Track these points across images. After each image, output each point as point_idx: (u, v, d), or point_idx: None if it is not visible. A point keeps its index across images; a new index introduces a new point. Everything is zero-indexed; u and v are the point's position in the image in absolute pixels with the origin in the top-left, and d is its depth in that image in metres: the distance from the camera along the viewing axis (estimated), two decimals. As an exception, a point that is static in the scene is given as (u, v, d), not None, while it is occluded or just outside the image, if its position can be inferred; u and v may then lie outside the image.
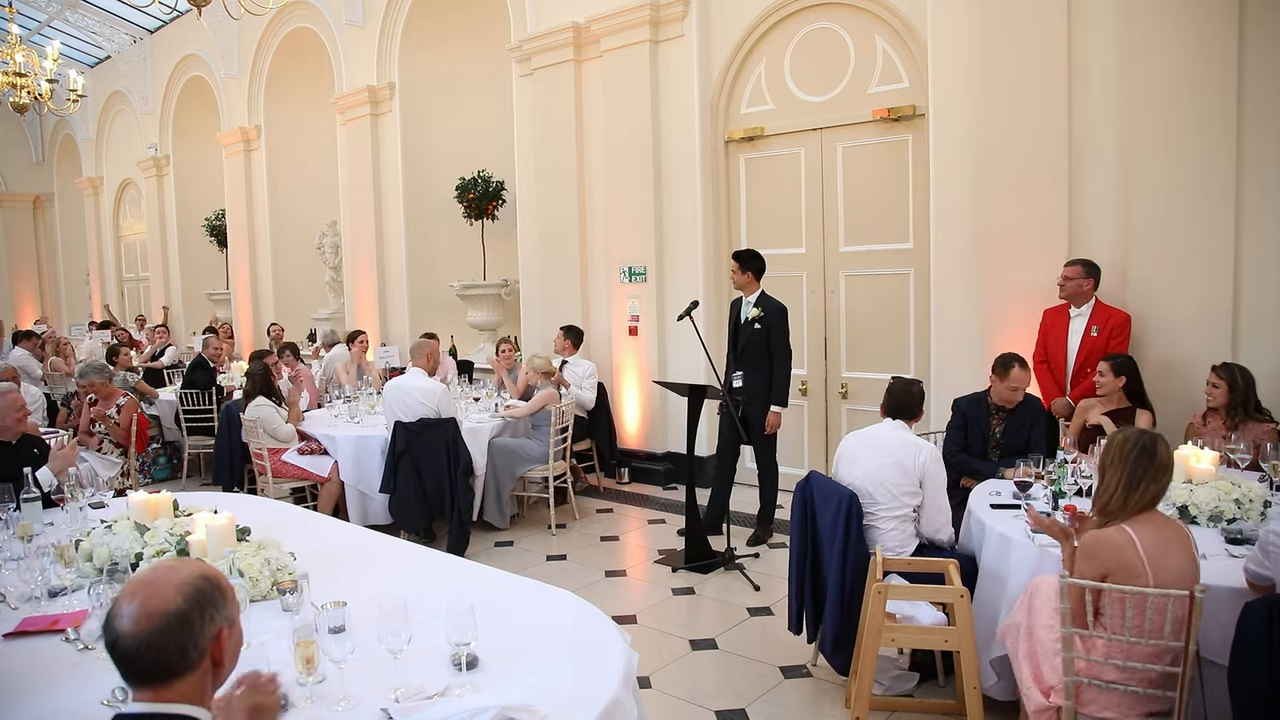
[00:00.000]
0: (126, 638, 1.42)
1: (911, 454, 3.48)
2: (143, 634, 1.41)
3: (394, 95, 9.41)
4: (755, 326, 5.42)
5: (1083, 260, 4.76)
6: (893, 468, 3.48)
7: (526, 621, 2.44)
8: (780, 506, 5.65)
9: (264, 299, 11.95)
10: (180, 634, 1.43)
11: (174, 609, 1.44)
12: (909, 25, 5.71)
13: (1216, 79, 4.50)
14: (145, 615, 1.42)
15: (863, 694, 3.14)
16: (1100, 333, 4.67)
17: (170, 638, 1.42)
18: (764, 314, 5.42)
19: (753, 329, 5.43)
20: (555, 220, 7.71)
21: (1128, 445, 2.61)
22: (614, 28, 7.04)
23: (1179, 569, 2.47)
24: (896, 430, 3.60)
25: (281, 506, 4.15)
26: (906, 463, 3.47)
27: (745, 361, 5.43)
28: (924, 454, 3.48)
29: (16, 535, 3.04)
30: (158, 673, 1.43)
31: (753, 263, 5.51)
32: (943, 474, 3.53)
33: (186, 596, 1.46)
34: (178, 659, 1.43)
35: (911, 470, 3.47)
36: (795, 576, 3.62)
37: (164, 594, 1.45)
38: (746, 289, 5.53)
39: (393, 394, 5.56)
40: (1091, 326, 4.71)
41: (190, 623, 1.44)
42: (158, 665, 1.42)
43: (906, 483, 3.47)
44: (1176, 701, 2.46)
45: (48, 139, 17.87)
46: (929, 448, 3.52)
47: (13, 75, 8.96)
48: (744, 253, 5.61)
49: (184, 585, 1.47)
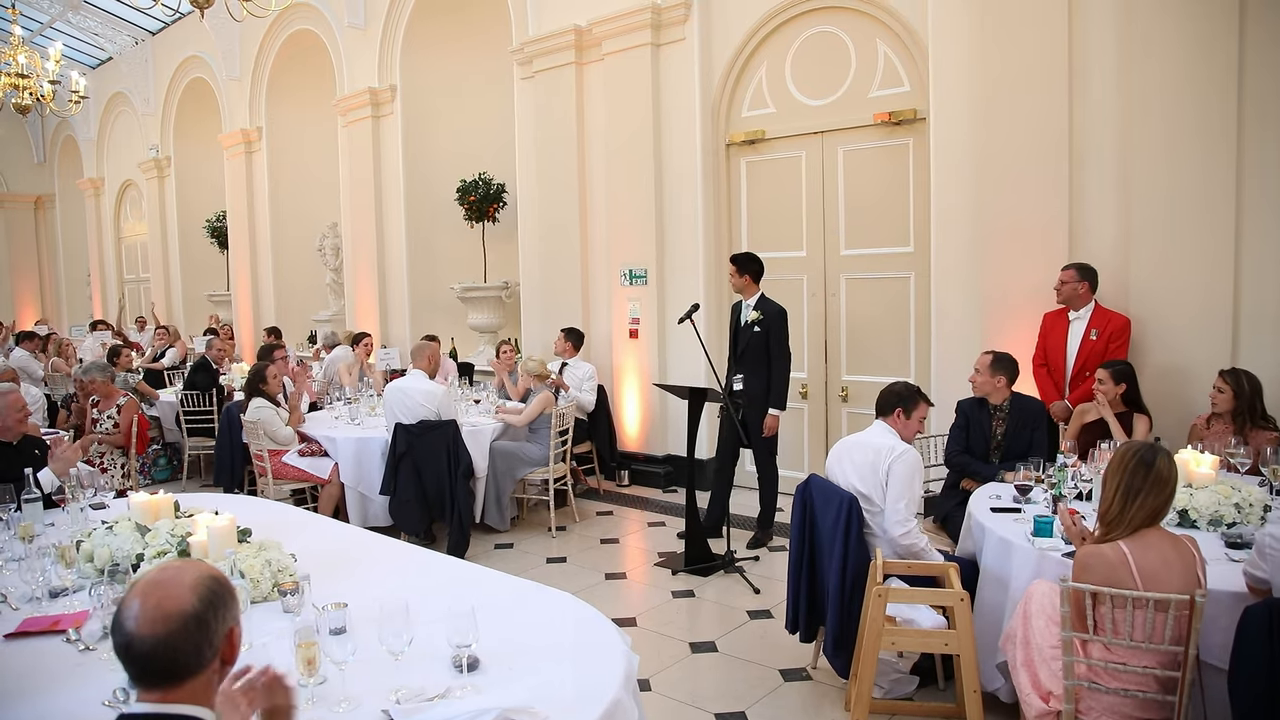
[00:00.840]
0: (143, 639, 1.41)
1: (884, 457, 3.47)
2: (160, 635, 1.41)
3: (395, 97, 9.43)
4: (755, 329, 5.42)
5: (1078, 264, 4.78)
6: (868, 470, 3.48)
7: (527, 623, 2.44)
8: (780, 509, 5.66)
9: (264, 300, 11.96)
10: (197, 634, 1.44)
11: (190, 609, 1.44)
12: (910, 29, 5.72)
13: (1217, 79, 4.50)
14: (163, 616, 1.42)
15: (862, 697, 3.14)
16: (1100, 336, 4.68)
17: (188, 638, 1.43)
18: (763, 317, 5.42)
19: (752, 332, 5.43)
20: (556, 223, 7.72)
21: (1127, 456, 2.61)
22: (615, 31, 7.05)
23: (1177, 590, 2.43)
24: (881, 434, 3.59)
25: (282, 508, 4.14)
26: (878, 464, 3.47)
27: (745, 364, 5.43)
28: (893, 455, 3.45)
29: (18, 536, 3.05)
30: (173, 673, 1.43)
31: (750, 265, 5.50)
32: (909, 476, 3.45)
33: (201, 597, 1.47)
34: (194, 659, 1.44)
35: (880, 472, 3.46)
36: (793, 578, 3.62)
37: (179, 595, 1.45)
38: (745, 292, 5.52)
39: (393, 396, 5.57)
40: (1091, 330, 4.71)
41: (206, 623, 1.46)
42: (174, 666, 1.43)
43: (879, 485, 3.46)
44: (1176, 706, 2.46)
45: (49, 140, 17.89)
46: (903, 451, 3.47)
47: (15, 76, 8.98)
48: (742, 256, 5.60)
49: (197, 585, 1.48)
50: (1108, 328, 4.66)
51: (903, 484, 3.44)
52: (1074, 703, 2.55)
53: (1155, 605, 2.44)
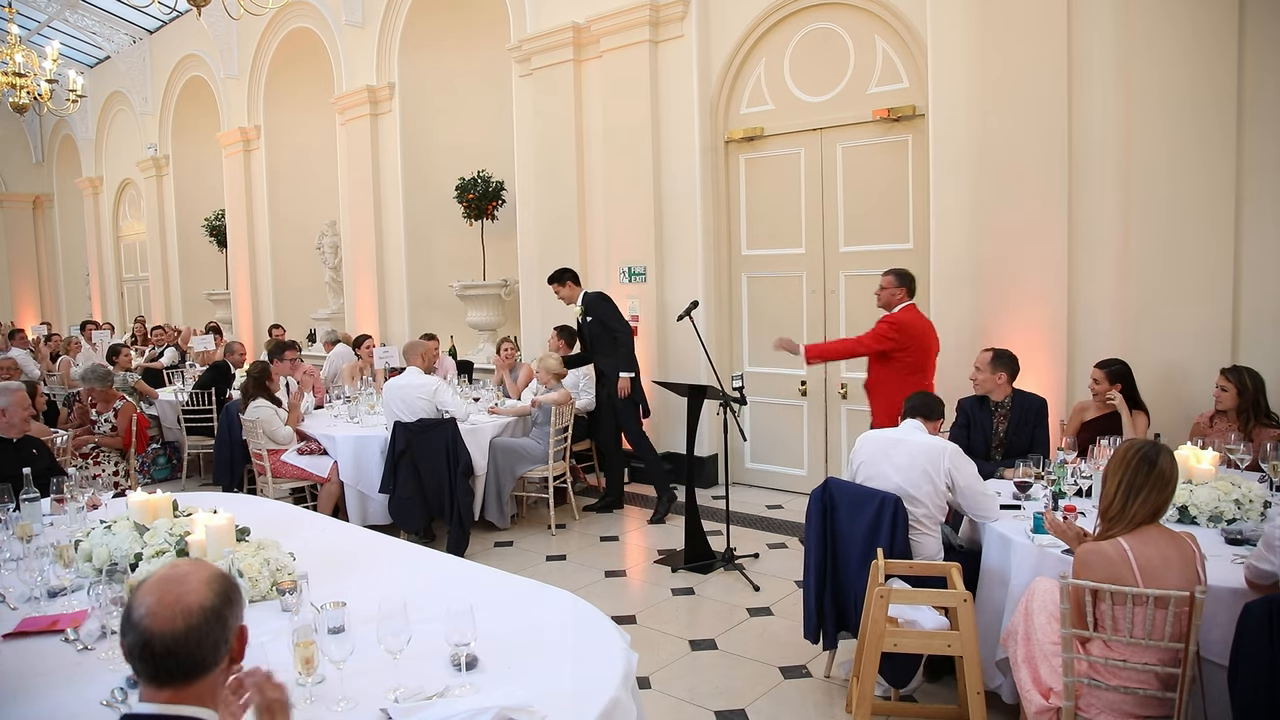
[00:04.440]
0: (164, 635, 1.40)
1: (935, 458, 3.42)
2: (181, 629, 1.41)
3: (394, 95, 9.41)
4: (588, 319, 6.24)
5: (895, 270, 4.95)
6: (920, 476, 3.42)
7: (526, 622, 2.43)
8: (780, 507, 5.64)
9: (264, 299, 11.94)
10: (217, 629, 1.45)
11: (210, 604, 1.45)
12: (909, 25, 5.71)
13: (1216, 79, 4.49)
14: (184, 611, 1.42)
15: (865, 698, 3.13)
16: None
17: (209, 633, 1.43)
18: (588, 307, 6.24)
19: (588, 323, 6.25)
20: (555, 220, 7.71)
21: (1130, 453, 2.61)
22: (614, 28, 7.04)
23: (1176, 587, 2.43)
24: (916, 432, 3.56)
25: (281, 506, 4.14)
26: (930, 469, 3.41)
27: (599, 352, 6.23)
28: (946, 456, 3.42)
29: (16, 535, 3.04)
30: (190, 670, 1.42)
31: (564, 276, 6.36)
32: (970, 464, 3.45)
33: (218, 592, 1.47)
34: (211, 655, 1.44)
35: (938, 476, 3.41)
36: (814, 585, 3.51)
37: (198, 589, 1.45)
38: (572, 298, 6.33)
39: (391, 394, 5.58)
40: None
41: (224, 618, 1.46)
42: (193, 662, 1.42)
43: (934, 489, 3.42)
44: (1176, 702, 2.46)
45: (47, 139, 17.87)
46: (949, 448, 3.45)
47: (12, 75, 8.95)
48: (555, 274, 6.42)
49: (212, 581, 1.48)
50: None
51: (969, 476, 3.42)
52: (1074, 699, 2.55)
53: (1155, 602, 2.44)
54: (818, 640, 3.58)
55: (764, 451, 6.78)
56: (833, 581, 3.51)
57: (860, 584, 3.33)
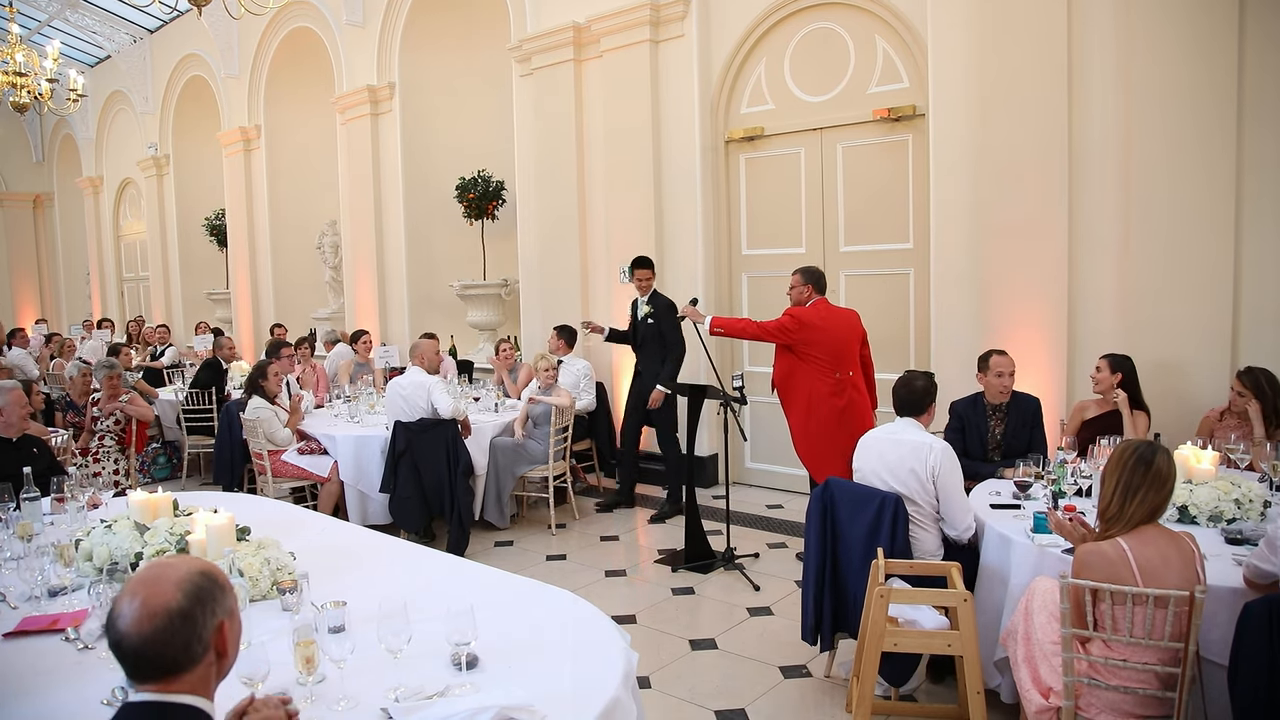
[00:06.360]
0: (131, 637, 1.42)
1: (923, 456, 3.43)
2: (147, 633, 1.42)
3: (394, 95, 9.41)
4: (648, 319, 6.19)
5: (802, 268, 5.05)
6: (909, 474, 3.43)
7: (526, 621, 2.44)
8: (780, 507, 5.65)
9: (264, 298, 11.94)
10: (184, 631, 1.44)
11: (176, 606, 1.44)
12: (909, 25, 5.71)
13: (1216, 79, 4.50)
14: (148, 614, 1.43)
15: (865, 697, 3.13)
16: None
17: (174, 635, 1.43)
18: (656, 309, 6.18)
19: (646, 322, 6.20)
20: (555, 220, 7.71)
21: (1126, 454, 2.62)
22: (614, 27, 7.04)
23: (1176, 586, 2.43)
24: (909, 429, 3.56)
25: (281, 506, 4.14)
26: (918, 467, 3.42)
27: (643, 351, 6.27)
28: (934, 455, 3.42)
29: (16, 535, 3.04)
30: (163, 669, 1.44)
31: (651, 265, 6.27)
32: (956, 470, 3.45)
33: (187, 593, 1.46)
34: (183, 655, 1.44)
35: (923, 473, 3.42)
36: (813, 586, 3.51)
37: (165, 592, 1.45)
38: (645, 289, 6.26)
39: (393, 393, 5.59)
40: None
41: (193, 619, 1.45)
42: (163, 662, 1.43)
43: (921, 487, 3.43)
44: (1176, 702, 2.46)
45: (48, 138, 17.86)
46: (939, 447, 3.44)
47: (13, 75, 8.94)
48: (647, 260, 6.30)
49: (183, 582, 1.48)
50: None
51: (954, 480, 3.42)
52: (1074, 699, 2.55)
53: (1155, 601, 2.44)
54: (815, 642, 3.58)
55: (764, 451, 6.78)
56: (832, 581, 3.51)
57: (860, 584, 3.33)
